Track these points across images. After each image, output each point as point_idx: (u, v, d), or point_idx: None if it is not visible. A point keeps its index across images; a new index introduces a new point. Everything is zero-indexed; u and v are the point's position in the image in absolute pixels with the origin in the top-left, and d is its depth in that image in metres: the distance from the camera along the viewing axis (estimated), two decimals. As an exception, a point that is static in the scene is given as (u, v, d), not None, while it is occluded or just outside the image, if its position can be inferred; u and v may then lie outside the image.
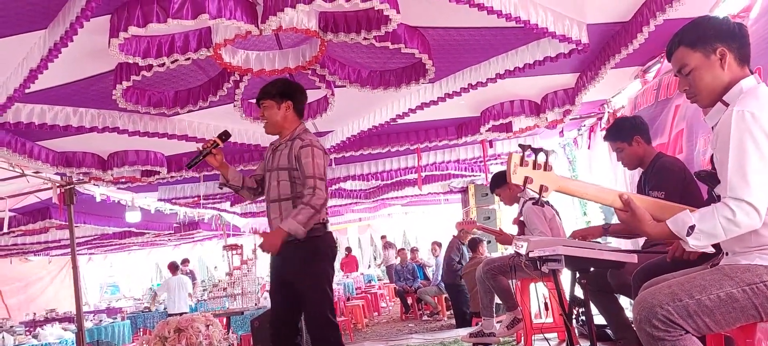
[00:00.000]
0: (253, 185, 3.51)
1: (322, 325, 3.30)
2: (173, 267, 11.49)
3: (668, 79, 4.32)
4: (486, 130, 5.55)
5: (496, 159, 7.54)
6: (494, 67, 4.17)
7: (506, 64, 4.11)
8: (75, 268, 6.58)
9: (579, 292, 3.33)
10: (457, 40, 3.85)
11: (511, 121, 5.55)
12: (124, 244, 12.89)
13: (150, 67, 3.36)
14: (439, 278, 10.19)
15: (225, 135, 3.45)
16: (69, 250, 6.75)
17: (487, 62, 4.21)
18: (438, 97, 4.52)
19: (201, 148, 3.37)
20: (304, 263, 3.31)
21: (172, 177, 5.98)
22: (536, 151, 2.00)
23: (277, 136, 3.47)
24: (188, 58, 3.33)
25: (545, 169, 1.98)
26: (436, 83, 4.47)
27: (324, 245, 3.37)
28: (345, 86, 4.19)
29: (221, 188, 3.59)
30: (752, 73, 2.01)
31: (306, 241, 3.30)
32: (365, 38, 3.31)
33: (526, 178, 1.97)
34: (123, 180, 5.86)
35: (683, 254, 2.54)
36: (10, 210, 7.13)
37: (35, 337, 7.67)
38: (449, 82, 4.44)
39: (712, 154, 2.06)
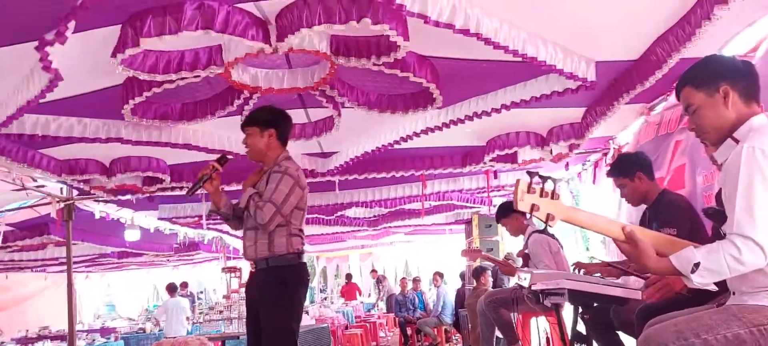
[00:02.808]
0: (241, 215, 3.41)
1: None
2: (171, 289, 11.33)
3: (669, 114, 4.31)
4: (490, 160, 5.54)
5: (500, 190, 7.50)
6: (501, 98, 4.16)
7: (513, 96, 4.09)
8: (70, 285, 6.50)
9: (582, 328, 3.28)
10: (466, 70, 3.83)
11: (516, 152, 5.54)
12: (123, 264, 12.78)
13: (160, 83, 3.35)
14: (440, 309, 10.08)
15: (223, 159, 3.42)
16: (65, 267, 6.67)
17: (495, 93, 4.20)
18: (442, 123, 4.52)
19: (200, 174, 3.32)
20: (268, 294, 3.19)
21: (172, 189, 5.92)
22: (544, 179, 1.97)
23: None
24: (197, 76, 3.32)
25: (553, 198, 1.95)
26: (443, 110, 4.47)
27: (294, 277, 3.26)
28: (352, 108, 4.19)
29: (208, 216, 3.53)
30: (762, 110, 2.01)
31: (275, 269, 3.20)
32: (375, 64, 3.28)
33: (533, 205, 1.94)
34: (124, 191, 5.81)
35: (683, 289, 2.49)
36: (7, 224, 7.04)
37: (27, 354, 7.60)
38: (455, 110, 4.43)
39: (719, 191, 2.04)
